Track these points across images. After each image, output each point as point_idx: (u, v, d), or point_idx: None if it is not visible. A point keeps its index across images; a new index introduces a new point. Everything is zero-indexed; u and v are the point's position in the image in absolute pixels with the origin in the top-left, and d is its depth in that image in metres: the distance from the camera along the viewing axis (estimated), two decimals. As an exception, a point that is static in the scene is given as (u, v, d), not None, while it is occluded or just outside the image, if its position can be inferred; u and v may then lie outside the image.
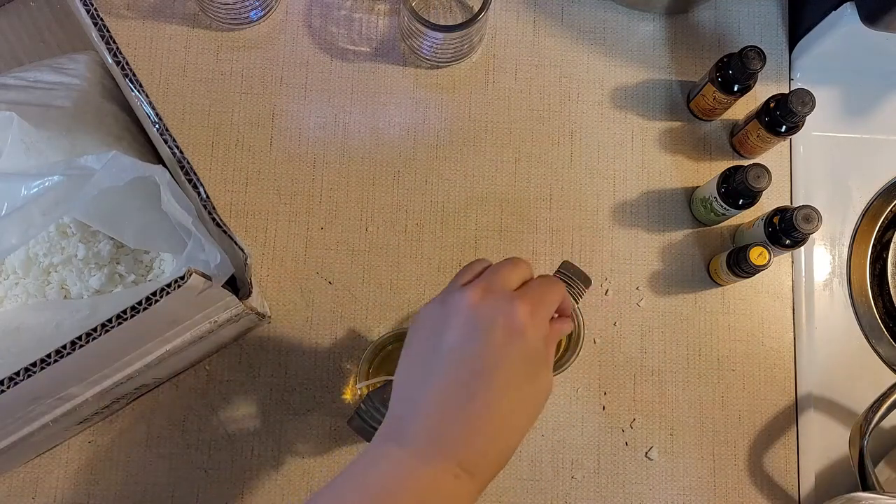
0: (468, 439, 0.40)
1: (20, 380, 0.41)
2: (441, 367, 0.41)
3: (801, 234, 0.62)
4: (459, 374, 0.40)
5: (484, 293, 0.42)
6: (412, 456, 0.39)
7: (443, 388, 0.40)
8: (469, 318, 0.41)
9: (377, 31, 0.72)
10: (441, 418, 0.40)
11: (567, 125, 0.72)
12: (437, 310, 0.43)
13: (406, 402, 0.42)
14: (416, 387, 0.41)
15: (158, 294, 0.43)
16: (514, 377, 0.41)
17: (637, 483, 0.65)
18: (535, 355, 0.42)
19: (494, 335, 0.41)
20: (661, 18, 0.75)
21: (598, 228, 0.70)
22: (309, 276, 0.67)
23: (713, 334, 0.68)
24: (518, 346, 0.41)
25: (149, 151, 0.56)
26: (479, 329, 0.41)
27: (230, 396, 0.64)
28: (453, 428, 0.40)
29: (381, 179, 0.69)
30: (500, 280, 0.43)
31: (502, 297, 0.42)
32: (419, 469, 0.39)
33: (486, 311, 0.41)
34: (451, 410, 0.40)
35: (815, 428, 0.67)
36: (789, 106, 0.63)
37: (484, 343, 0.41)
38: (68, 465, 0.62)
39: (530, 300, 0.42)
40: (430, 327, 0.43)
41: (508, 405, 0.41)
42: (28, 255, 0.54)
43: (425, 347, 0.42)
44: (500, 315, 0.41)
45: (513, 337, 0.41)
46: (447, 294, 0.44)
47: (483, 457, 0.40)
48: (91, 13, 0.49)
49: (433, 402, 0.40)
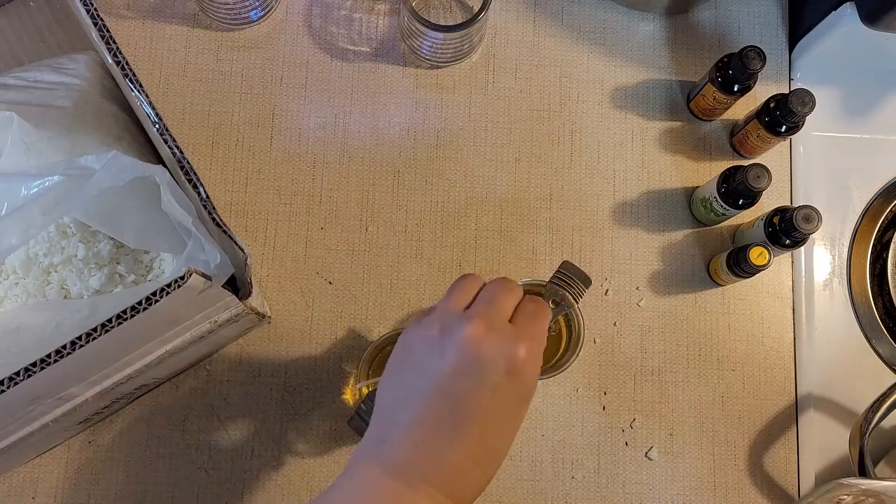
0: (453, 471, 0.40)
1: (20, 380, 0.41)
2: (430, 395, 0.40)
3: (801, 234, 0.62)
4: (450, 407, 0.40)
5: (487, 329, 0.41)
6: (395, 479, 0.39)
7: (430, 417, 0.40)
8: (469, 354, 0.41)
9: (377, 31, 0.72)
10: (426, 447, 0.40)
11: (567, 125, 0.72)
12: (434, 334, 0.42)
13: (390, 423, 0.41)
14: (402, 409, 0.41)
15: (158, 294, 0.43)
16: (505, 416, 0.41)
17: (637, 483, 0.65)
18: (528, 392, 0.42)
19: (494, 378, 0.40)
20: (661, 18, 0.75)
21: (598, 228, 0.70)
22: (309, 276, 0.67)
23: (713, 334, 0.68)
24: (515, 386, 0.41)
25: (149, 151, 0.56)
26: (479, 369, 0.40)
27: (230, 396, 0.64)
28: (438, 458, 0.40)
29: (381, 179, 0.69)
30: (500, 312, 0.43)
31: (505, 338, 0.41)
32: (402, 493, 0.39)
33: (487, 350, 0.41)
34: (437, 441, 0.40)
35: (815, 428, 0.67)
36: (789, 106, 0.63)
37: (481, 384, 0.40)
38: (68, 465, 0.62)
39: (529, 337, 0.42)
40: (424, 351, 0.42)
41: (496, 441, 0.41)
42: (28, 255, 0.54)
43: (415, 370, 0.42)
44: (502, 357, 0.41)
45: (511, 379, 0.41)
46: (445, 319, 0.42)
47: (467, 486, 0.41)
48: (91, 13, 0.49)
49: (419, 429, 0.40)
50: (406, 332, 0.44)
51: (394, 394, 0.42)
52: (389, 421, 0.42)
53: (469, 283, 0.45)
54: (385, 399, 0.43)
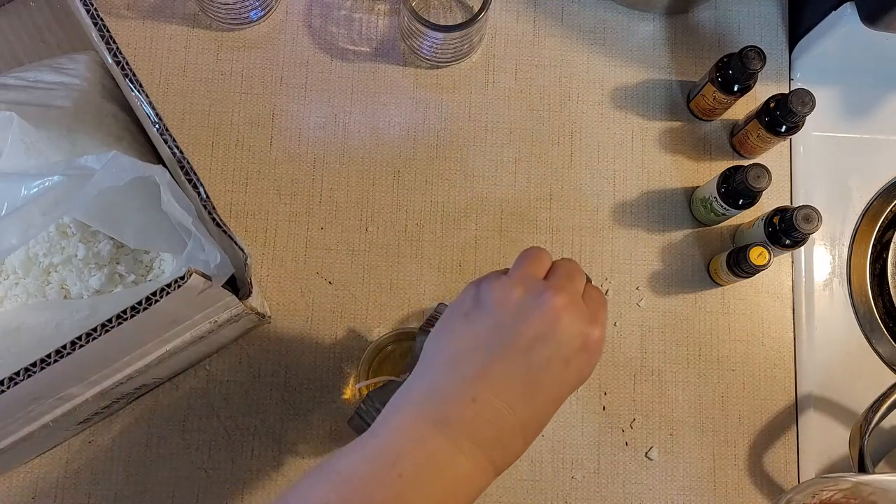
0: (503, 435, 0.39)
1: (20, 380, 0.41)
2: (503, 354, 0.40)
3: (801, 234, 0.62)
4: (523, 370, 0.40)
5: (570, 302, 0.41)
6: (439, 431, 0.38)
7: (498, 376, 0.39)
8: (552, 322, 0.40)
9: (377, 31, 0.72)
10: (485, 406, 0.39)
11: (567, 125, 0.72)
12: (516, 295, 0.41)
13: (446, 373, 0.40)
14: (465, 361, 0.40)
15: (158, 294, 0.43)
16: (566, 390, 0.42)
17: (637, 483, 0.65)
18: (587, 374, 0.42)
19: (568, 351, 0.41)
20: (661, 18, 0.75)
21: (598, 228, 0.70)
22: (309, 276, 0.67)
23: (713, 334, 0.68)
24: (583, 365, 0.42)
25: (149, 151, 0.56)
26: (558, 339, 0.40)
27: (230, 396, 0.64)
28: (495, 419, 0.39)
29: (381, 179, 0.69)
30: (577, 290, 0.43)
31: (584, 315, 0.42)
32: (443, 448, 0.38)
33: (568, 323, 0.41)
34: (499, 401, 0.39)
35: (816, 428, 0.67)
36: (789, 106, 0.63)
37: (557, 354, 0.40)
38: (68, 465, 0.62)
39: (602, 320, 0.43)
40: (503, 309, 0.41)
41: (548, 412, 0.41)
42: (28, 255, 0.54)
43: (488, 326, 0.41)
44: (579, 334, 0.41)
45: (581, 356, 0.41)
46: (529, 283, 0.42)
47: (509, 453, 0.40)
48: (91, 13, 0.49)
49: (482, 385, 0.39)
50: (476, 286, 0.42)
51: (455, 345, 0.41)
52: (446, 371, 0.40)
53: (542, 254, 0.44)
54: (442, 349, 0.41)
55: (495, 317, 0.41)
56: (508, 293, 0.41)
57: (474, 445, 0.38)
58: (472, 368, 0.39)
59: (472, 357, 0.40)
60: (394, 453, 0.38)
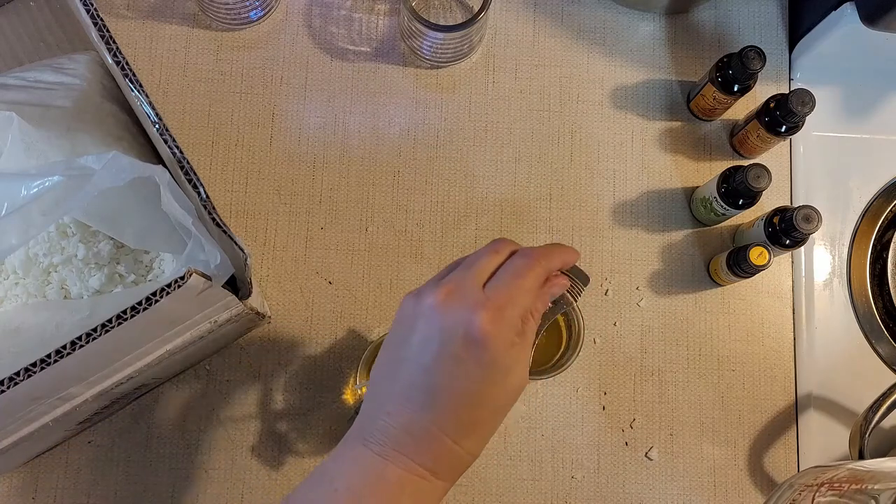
0: (425, 441, 0.40)
1: (20, 380, 0.41)
2: (404, 369, 0.40)
3: (801, 234, 0.62)
4: (418, 377, 0.40)
5: (448, 295, 0.40)
6: (369, 448, 0.40)
7: (402, 392, 0.40)
8: (430, 323, 0.40)
9: (377, 31, 0.72)
10: (398, 416, 0.40)
11: (567, 125, 0.72)
12: (410, 307, 0.42)
13: (374, 400, 0.41)
14: (384, 384, 0.41)
15: (158, 294, 0.43)
16: (475, 388, 0.40)
17: (637, 483, 0.65)
18: (497, 363, 0.40)
19: (452, 347, 0.39)
20: (661, 18, 0.75)
21: (598, 228, 0.70)
22: (309, 276, 0.67)
23: (713, 334, 0.68)
24: (477, 357, 0.39)
25: (149, 151, 0.56)
26: (437, 339, 0.40)
27: (230, 396, 0.64)
28: (409, 428, 0.40)
29: (381, 179, 0.69)
30: (473, 277, 0.41)
31: (465, 304, 0.40)
32: (374, 462, 0.39)
33: (447, 318, 0.40)
34: (406, 410, 0.40)
35: (816, 428, 0.67)
36: (789, 106, 0.63)
37: (440, 355, 0.39)
38: (68, 465, 0.62)
39: (496, 303, 0.40)
40: (403, 325, 0.42)
41: (471, 414, 0.40)
42: (28, 256, 0.54)
43: (395, 345, 0.42)
44: (460, 325, 0.39)
45: (471, 349, 0.39)
46: (421, 289, 0.42)
47: (444, 457, 0.40)
48: (91, 13, 0.49)
49: (391, 400, 0.40)
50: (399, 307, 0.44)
51: (378, 369, 0.42)
52: (371, 393, 0.42)
53: (478, 256, 0.43)
54: (373, 375, 0.43)
55: (396, 332, 0.42)
56: (406, 306, 0.42)
57: (399, 454, 0.39)
58: (384, 387, 0.41)
59: (384, 375, 0.41)
60: (332, 471, 0.40)
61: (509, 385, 0.41)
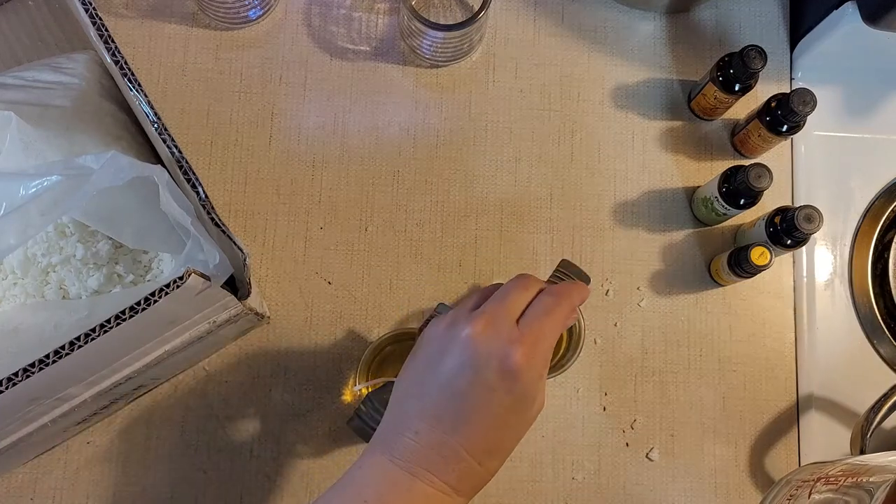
0: (450, 461, 0.42)
1: (19, 380, 0.41)
2: (435, 391, 0.43)
3: (803, 233, 0.62)
4: (449, 401, 0.42)
5: (486, 327, 0.43)
6: (396, 464, 0.42)
7: (431, 409, 0.42)
8: (465, 351, 0.42)
9: (377, 30, 0.72)
10: (426, 436, 0.42)
11: (567, 125, 0.72)
12: (443, 332, 0.44)
13: (402, 414, 0.44)
14: (413, 402, 0.43)
15: (157, 294, 0.43)
16: (503, 416, 0.42)
17: (638, 484, 0.65)
18: (526, 394, 0.42)
19: (486, 376, 0.42)
20: (662, 17, 0.74)
21: (599, 228, 0.70)
22: (308, 276, 0.67)
23: (714, 334, 0.68)
24: (509, 388, 0.42)
25: (147, 151, 0.56)
26: (472, 367, 0.42)
27: (229, 397, 0.64)
28: (437, 448, 0.42)
29: (380, 179, 0.69)
30: (507, 311, 0.43)
31: (501, 339, 0.42)
32: (401, 478, 0.42)
33: (483, 347, 0.42)
34: (436, 432, 0.42)
35: (817, 428, 0.67)
36: (790, 105, 0.63)
37: (476, 382, 0.42)
38: (67, 466, 0.62)
39: (531, 339, 0.43)
40: (435, 348, 0.44)
41: (496, 439, 0.43)
42: (26, 256, 0.54)
43: (426, 366, 0.44)
44: (495, 358, 0.42)
45: (504, 381, 0.42)
46: (455, 316, 0.44)
47: (466, 477, 0.43)
48: (89, 12, 0.49)
49: (420, 420, 0.42)
50: (426, 329, 0.46)
51: (405, 385, 0.45)
52: (399, 411, 0.44)
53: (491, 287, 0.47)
54: (398, 389, 0.45)
55: (427, 354, 0.44)
56: (437, 330, 0.44)
57: (427, 472, 0.42)
58: (412, 405, 0.43)
59: (413, 394, 0.44)
60: (360, 484, 0.42)
61: (533, 412, 0.44)
